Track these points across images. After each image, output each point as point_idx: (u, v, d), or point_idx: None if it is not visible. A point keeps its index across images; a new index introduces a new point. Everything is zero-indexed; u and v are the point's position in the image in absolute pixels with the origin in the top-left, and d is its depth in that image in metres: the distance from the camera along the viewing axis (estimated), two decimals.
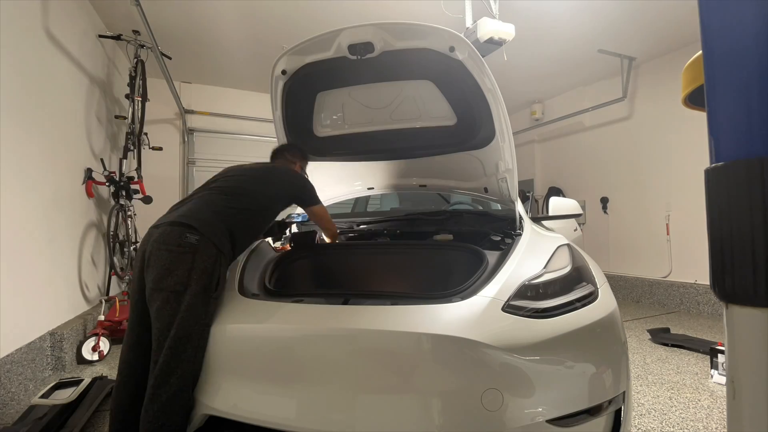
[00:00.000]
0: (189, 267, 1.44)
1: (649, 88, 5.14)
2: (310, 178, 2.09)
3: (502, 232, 1.96)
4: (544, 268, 1.47)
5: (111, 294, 3.80)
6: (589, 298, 1.38)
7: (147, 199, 3.96)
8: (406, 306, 1.31)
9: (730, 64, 0.64)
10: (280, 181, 1.92)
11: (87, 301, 3.48)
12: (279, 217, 2.16)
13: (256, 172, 1.90)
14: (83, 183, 3.46)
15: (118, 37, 3.86)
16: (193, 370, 1.39)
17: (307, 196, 1.97)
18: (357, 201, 3.43)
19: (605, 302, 1.41)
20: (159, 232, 1.51)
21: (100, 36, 3.84)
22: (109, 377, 2.58)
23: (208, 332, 1.41)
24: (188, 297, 1.41)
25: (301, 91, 1.99)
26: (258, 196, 1.77)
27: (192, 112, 5.71)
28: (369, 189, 2.61)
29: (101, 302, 3.34)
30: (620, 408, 1.32)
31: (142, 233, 1.60)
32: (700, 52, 0.73)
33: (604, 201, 5.74)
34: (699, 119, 1.00)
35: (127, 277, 3.81)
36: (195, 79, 5.68)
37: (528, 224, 1.94)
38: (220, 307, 1.49)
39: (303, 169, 2.19)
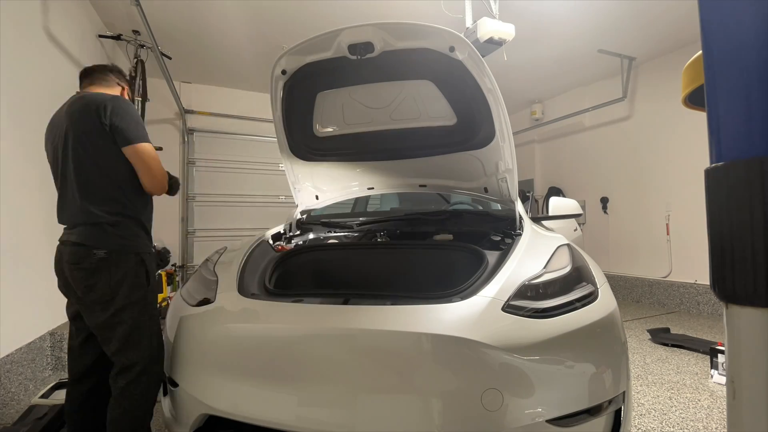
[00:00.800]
0: (108, 279, 1.45)
1: (649, 88, 5.14)
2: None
3: (502, 232, 1.96)
4: (544, 268, 1.47)
5: None
6: (589, 298, 1.38)
7: None
8: (406, 306, 1.31)
9: (730, 64, 0.64)
10: (85, 119, 1.45)
11: None
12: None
13: (65, 135, 1.49)
14: None
15: (118, 37, 3.86)
16: (152, 356, 1.49)
17: (121, 125, 1.45)
18: (357, 201, 3.43)
19: (605, 302, 1.41)
20: (68, 252, 1.48)
21: (100, 36, 3.84)
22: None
23: (158, 323, 1.54)
24: (121, 299, 1.46)
25: (301, 91, 1.99)
26: (98, 164, 1.47)
27: (192, 112, 5.71)
28: (369, 189, 2.60)
29: None
30: (620, 408, 1.32)
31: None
32: (700, 52, 0.73)
33: (604, 201, 5.74)
34: (699, 119, 1.00)
35: None
36: (195, 79, 5.68)
37: (528, 224, 1.94)
38: (221, 307, 1.49)
39: (129, 95, 1.76)
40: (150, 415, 1.51)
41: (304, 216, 2.59)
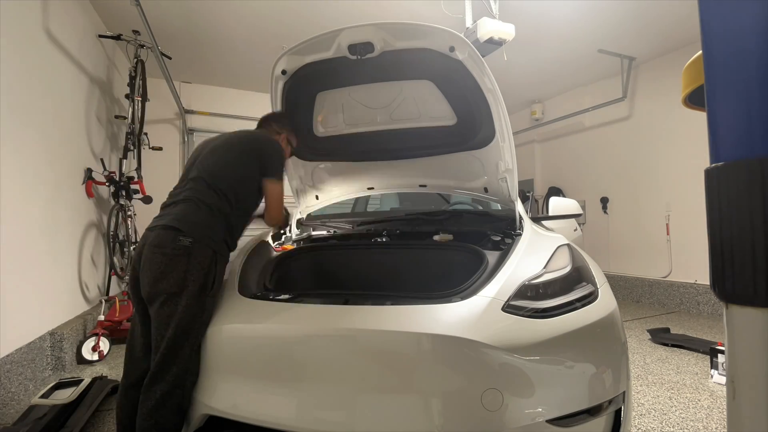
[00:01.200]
0: (184, 269, 1.44)
1: (649, 88, 5.14)
2: (296, 156, 2.10)
3: (502, 232, 1.96)
4: (544, 268, 1.47)
5: (111, 294, 3.80)
6: (589, 298, 1.38)
7: (147, 199, 3.96)
8: (406, 306, 1.31)
9: (731, 64, 0.64)
10: (249, 148, 1.76)
11: (87, 301, 3.48)
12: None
13: (228, 146, 1.76)
14: (83, 183, 3.46)
15: (118, 37, 3.86)
16: (189, 368, 1.39)
17: (269, 163, 1.75)
18: (357, 201, 3.43)
19: (605, 302, 1.41)
20: (153, 235, 1.51)
21: (100, 36, 3.84)
22: (109, 377, 2.59)
23: (205, 330, 1.42)
24: (185, 298, 1.42)
25: (301, 91, 1.99)
26: (239, 177, 1.68)
27: (192, 112, 5.71)
28: (369, 189, 2.60)
29: (101, 302, 3.34)
30: (620, 408, 1.32)
31: (142, 233, 1.61)
32: (700, 52, 0.73)
33: (604, 201, 5.74)
34: (699, 119, 1.00)
35: (126, 277, 3.81)
36: (195, 79, 5.68)
37: (528, 224, 1.94)
38: (221, 307, 1.49)
39: (290, 142, 2.02)
40: (179, 429, 1.42)
41: (305, 216, 2.59)
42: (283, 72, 1.89)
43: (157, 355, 1.39)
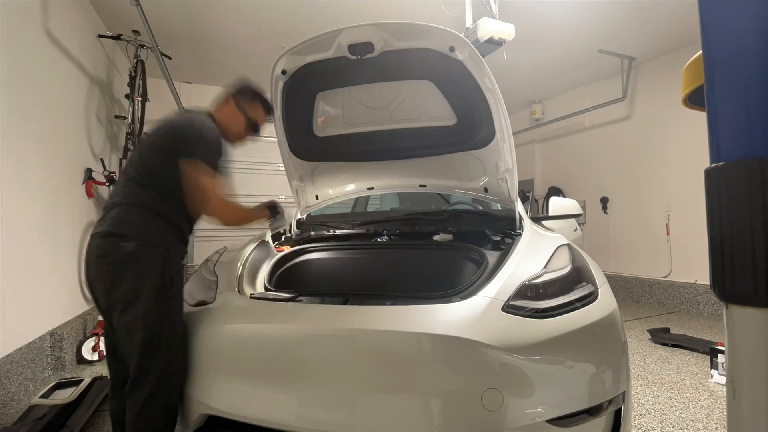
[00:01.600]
0: (135, 275, 1.37)
1: (649, 88, 5.14)
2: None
3: (502, 232, 1.96)
4: (544, 268, 1.47)
5: None
6: (589, 298, 1.38)
7: None
8: (406, 306, 1.31)
9: (730, 64, 0.64)
10: (164, 132, 1.53)
11: (87, 301, 3.47)
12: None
13: (148, 135, 1.60)
14: (83, 183, 3.46)
15: (118, 37, 3.86)
16: (169, 369, 1.38)
17: (183, 143, 1.47)
18: (357, 201, 3.43)
19: (605, 302, 1.41)
20: (95, 245, 1.42)
21: (100, 36, 3.84)
22: (108, 377, 2.59)
23: (180, 329, 1.42)
24: (144, 302, 1.36)
25: (301, 91, 1.99)
26: (159, 167, 1.49)
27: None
28: (369, 189, 2.60)
29: None
30: (620, 408, 1.32)
31: None
32: (700, 52, 0.73)
33: (604, 201, 5.74)
34: (699, 119, 1.00)
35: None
36: (195, 79, 5.68)
37: (528, 224, 1.94)
38: (221, 307, 1.49)
39: (246, 112, 1.81)
40: (172, 428, 1.42)
41: (304, 216, 2.59)
42: (283, 72, 1.89)
43: (132, 361, 1.37)
